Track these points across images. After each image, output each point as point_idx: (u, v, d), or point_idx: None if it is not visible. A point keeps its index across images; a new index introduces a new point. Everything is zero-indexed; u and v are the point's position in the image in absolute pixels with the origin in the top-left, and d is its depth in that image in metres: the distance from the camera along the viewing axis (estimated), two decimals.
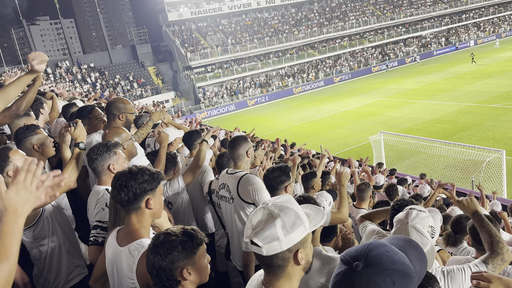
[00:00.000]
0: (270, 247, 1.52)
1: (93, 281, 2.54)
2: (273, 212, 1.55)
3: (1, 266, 1.44)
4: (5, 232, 1.48)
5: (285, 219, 1.54)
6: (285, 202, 1.60)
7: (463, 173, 15.71)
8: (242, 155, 3.63)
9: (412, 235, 2.22)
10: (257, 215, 1.59)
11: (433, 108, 26.94)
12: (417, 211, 2.32)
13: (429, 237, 2.25)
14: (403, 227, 2.27)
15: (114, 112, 3.88)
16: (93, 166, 2.91)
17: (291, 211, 1.57)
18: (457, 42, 54.59)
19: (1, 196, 1.51)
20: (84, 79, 43.74)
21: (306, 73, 49.21)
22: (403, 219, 2.31)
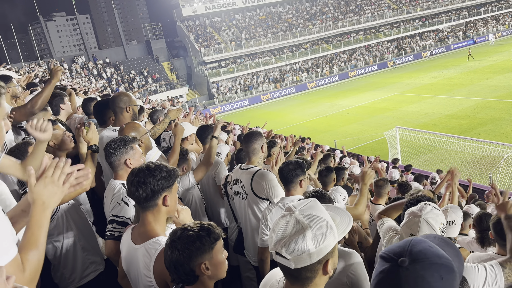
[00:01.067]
0: (299, 260, 1.43)
1: (120, 278, 2.54)
2: (302, 222, 1.45)
3: (30, 255, 1.52)
4: (33, 223, 1.56)
5: (316, 230, 1.44)
6: (313, 209, 1.50)
7: (481, 169, 15.43)
8: (257, 149, 3.62)
9: (423, 228, 2.22)
10: (282, 224, 1.48)
11: (450, 103, 26.49)
12: (431, 207, 2.32)
13: (439, 234, 2.24)
14: (415, 220, 2.26)
15: (120, 106, 3.87)
16: (110, 160, 2.92)
17: (321, 221, 1.47)
18: (475, 36, 53.45)
19: (31, 189, 1.58)
20: (100, 74, 44.21)
21: (321, 67, 48.84)
22: (416, 212, 2.30)
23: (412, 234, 2.25)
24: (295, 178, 3.18)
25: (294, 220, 1.46)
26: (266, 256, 3.36)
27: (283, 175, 3.22)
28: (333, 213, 1.60)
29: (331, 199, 2.65)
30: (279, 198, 3.42)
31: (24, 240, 1.56)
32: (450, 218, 3.29)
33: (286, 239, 1.44)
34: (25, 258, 1.51)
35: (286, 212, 1.51)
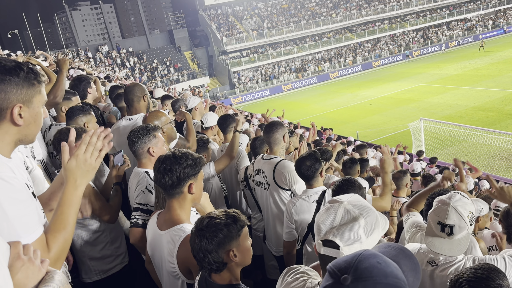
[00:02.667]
0: (350, 249, 1.41)
1: (147, 263, 2.59)
2: (353, 211, 1.45)
3: (58, 234, 1.54)
4: (64, 201, 1.58)
5: (367, 220, 1.44)
6: (361, 201, 1.51)
7: (508, 163, 15.00)
8: (278, 139, 3.59)
9: (451, 215, 2.19)
10: (330, 214, 1.46)
11: (477, 95, 25.74)
12: (461, 195, 2.28)
13: (468, 223, 2.21)
14: (444, 207, 2.23)
15: (138, 94, 3.93)
16: (133, 149, 2.95)
17: (372, 212, 1.47)
18: (505, 25, 51.52)
19: (64, 165, 1.61)
20: (123, 63, 44.77)
21: (344, 57, 48.14)
22: (445, 200, 2.27)
23: (440, 221, 2.22)
24: (315, 173, 3.16)
25: (343, 210, 1.45)
26: (292, 249, 3.36)
27: (302, 173, 3.18)
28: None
29: (361, 186, 2.62)
30: (301, 189, 3.40)
31: (53, 219, 1.58)
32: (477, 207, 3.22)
33: (337, 227, 1.43)
34: (52, 238, 1.53)
35: (332, 204, 1.49)
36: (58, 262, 1.54)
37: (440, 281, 2.25)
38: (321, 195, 3.13)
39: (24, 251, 1.25)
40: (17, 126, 1.52)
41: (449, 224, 2.19)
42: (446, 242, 2.21)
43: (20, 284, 1.21)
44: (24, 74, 1.49)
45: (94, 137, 1.64)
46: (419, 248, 2.43)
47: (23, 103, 1.50)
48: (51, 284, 1.25)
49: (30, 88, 1.52)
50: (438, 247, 2.24)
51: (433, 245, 2.26)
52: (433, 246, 2.26)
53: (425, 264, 2.33)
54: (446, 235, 2.20)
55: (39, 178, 2.67)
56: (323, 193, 3.14)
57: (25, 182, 1.58)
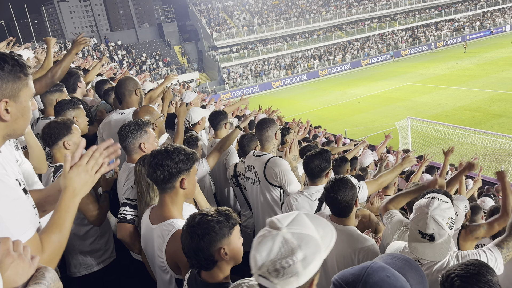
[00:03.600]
0: (286, 283, 1.29)
1: (143, 257, 2.59)
2: (292, 242, 1.30)
3: (53, 237, 1.55)
4: (61, 207, 1.59)
5: (306, 251, 1.30)
6: (301, 226, 1.34)
7: (493, 163, 15.26)
8: (270, 137, 3.60)
9: (430, 225, 2.23)
10: (267, 243, 1.32)
11: (464, 95, 26.10)
12: (439, 201, 2.29)
13: (448, 229, 2.25)
14: (422, 216, 2.27)
15: (130, 88, 3.90)
16: (124, 144, 2.92)
17: (311, 240, 1.33)
18: (492, 27, 52.27)
19: (64, 174, 1.62)
20: (112, 56, 44.27)
21: (333, 55, 48.31)
22: (423, 208, 2.29)
23: (420, 230, 2.26)
24: (321, 172, 3.18)
25: (281, 240, 1.30)
26: None
27: (310, 170, 3.19)
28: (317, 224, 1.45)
29: (354, 186, 2.65)
30: (292, 186, 3.41)
31: (50, 221, 1.58)
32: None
33: (272, 261, 1.29)
34: (47, 239, 1.53)
35: (271, 229, 1.35)
36: (50, 264, 1.53)
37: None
38: (323, 194, 3.12)
39: (14, 247, 1.24)
40: (4, 122, 1.48)
41: (428, 233, 2.23)
42: (428, 247, 2.26)
43: (10, 281, 1.19)
44: (9, 67, 1.45)
45: (97, 153, 1.67)
46: (404, 247, 2.46)
47: (9, 97, 1.46)
48: (42, 281, 1.24)
49: (16, 81, 1.47)
50: (421, 252, 2.28)
51: (416, 251, 2.30)
52: (416, 252, 2.30)
53: None
54: (427, 241, 2.25)
55: (29, 172, 2.65)
56: None
57: (16, 178, 1.56)
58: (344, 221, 2.70)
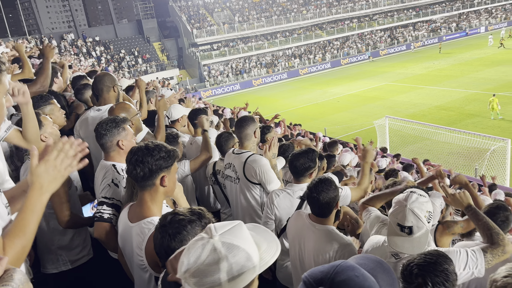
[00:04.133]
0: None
1: (120, 256, 2.55)
2: (219, 252, 1.24)
3: (16, 241, 1.45)
4: (27, 207, 1.48)
5: (232, 263, 1.24)
6: (236, 236, 1.29)
7: (467, 161, 15.67)
8: (249, 135, 3.61)
9: (409, 217, 2.27)
10: (197, 248, 1.27)
11: (440, 94, 26.69)
12: (417, 195, 2.34)
13: (426, 222, 2.30)
14: (401, 209, 2.31)
15: (107, 84, 3.84)
16: (101, 142, 2.87)
17: (241, 252, 1.26)
18: (468, 28, 53.59)
19: (31, 170, 1.52)
20: (89, 52, 43.45)
21: (313, 54, 48.63)
22: (402, 201, 2.34)
23: (399, 223, 2.30)
24: (306, 172, 3.20)
25: (211, 248, 1.26)
26: None
27: (295, 168, 3.20)
28: (261, 238, 1.40)
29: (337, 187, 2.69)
30: (271, 184, 3.43)
31: (13, 223, 1.49)
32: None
33: (196, 268, 1.25)
34: (9, 243, 1.44)
35: (204, 235, 1.30)
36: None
37: None
38: (306, 192, 3.10)
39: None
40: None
41: (407, 225, 2.28)
42: (407, 240, 2.30)
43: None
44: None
45: (68, 145, 1.58)
46: (383, 241, 2.50)
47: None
48: (10, 283, 1.20)
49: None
50: (400, 246, 2.33)
51: (395, 244, 2.35)
52: (395, 245, 2.35)
53: (388, 257, 2.41)
54: (406, 235, 2.29)
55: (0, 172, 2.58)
56: None
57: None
58: (323, 221, 2.73)
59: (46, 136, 2.98)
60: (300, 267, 2.83)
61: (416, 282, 1.84)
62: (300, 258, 2.81)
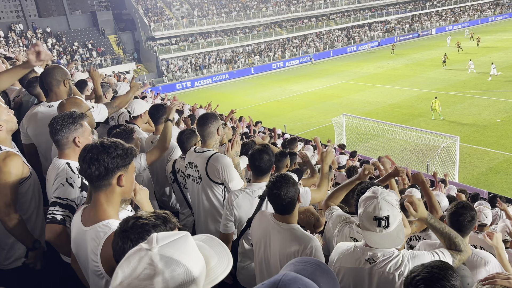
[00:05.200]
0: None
1: (73, 262, 2.38)
2: (156, 266, 1.15)
3: None
4: None
5: (169, 279, 1.15)
6: (177, 250, 1.20)
7: (419, 157, 16.33)
8: (212, 132, 3.53)
9: (384, 207, 2.24)
10: (134, 260, 1.18)
11: (394, 93, 27.66)
12: (381, 188, 2.35)
13: (398, 209, 2.28)
14: (373, 202, 2.27)
15: (57, 78, 3.59)
16: (56, 138, 2.70)
17: (180, 268, 1.17)
18: (420, 29, 55.91)
19: None
20: None
21: (273, 51, 48.91)
22: (371, 195, 2.31)
23: (375, 216, 2.24)
24: (270, 168, 3.17)
25: (148, 261, 1.17)
26: (228, 242, 3.32)
27: (258, 167, 3.15)
28: (212, 252, 1.34)
29: (295, 182, 2.65)
30: (234, 183, 3.37)
31: None
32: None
33: (130, 281, 1.16)
34: None
35: (144, 245, 1.21)
36: None
37: (379, 278, 2.29)
38: (265, 191, 3.08)
39: None
40: None
41: (384, 216, 2.23)
42: (385, 236, 2.25)
43: None
44: None
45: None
46: (354, 246, 2.45)
47: None
48: None
49: None
50: (380, 243, 2.27)
51: (374, 243, 2.28)
52: (375, 244, 2.28)
53: (363, 263, 2.35)
54: (383, 229, 2.24)
55: None
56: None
57: None
58: (287, 219, 2.69)
59: (1, 124, 2.78)
60: (266, 268, 2.79)
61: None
62: (266, 259, 2.77)
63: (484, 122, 19.99)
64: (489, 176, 14.73)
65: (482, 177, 14.67)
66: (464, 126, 19.76)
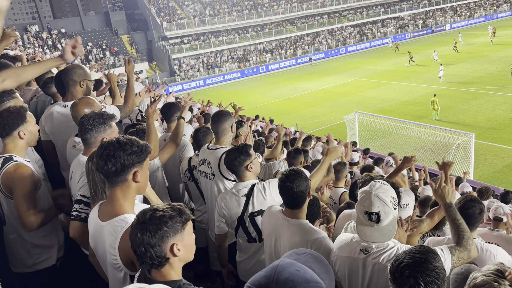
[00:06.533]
0: None
1: (91, 256, 2.47)
2: None
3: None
4: None
5: None
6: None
7: (433, 155, 16.14)
8: (226, 130, 3.57)
9: (375, 203, 2.30)
10: None
11: (407, 90, 27.37)
12: (380, 183, 2.40)
13: (391, 207, 2.33)
14: (367, 196, 2.35)
15: (74, 79, 3.63)
16: (85, 137, 2.76)
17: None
18: (434, 25, 55.16)
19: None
20: (55, 45, 41.99)
21: (284, 49, 48.81)
22: (367, 190, 2.38)
23: (366, 211, 2.32)
24: (240, 166, 3.17)
25: None
26: (223, 242, 3.41)
27: (228, 166, 3.20)
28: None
29: (307, 177, 2.69)
30: None
31: None
32: (404, 201, 3.41)
33: None
34: None
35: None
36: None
37: (373, 268, 2.35)
38: (250, 189, 3.17)
39: None
40: None
41: (374, 211, 2.29)
42: (376, 230, 2.32)
43: None
44: None
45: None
46: (352, 237, 2.51)
47: None
48: None
49: None
50: (369, 236, 2.34)
51: (364, 235, 2.36)
52: (364, 236, 2.36)
53: (357, 253, 2.42)
54: (374, 223, 2.30)
55: None
56: (252, 187, 3.18)
57: None
58: (296, 214, 2.74)
59: (26, 133, 2.86)
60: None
61: (408, 283, 1.83)
62: (276, 253, 2.84)
63: (500, 118, 19.68)
64: (505, 173, 14.51)
65: (498, 175, 14.46)
66: (480, 122, 19.48)
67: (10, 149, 2.86)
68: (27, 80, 3.37)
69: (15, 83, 2.80)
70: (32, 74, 2.99)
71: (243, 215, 3.18)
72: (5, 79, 2.67)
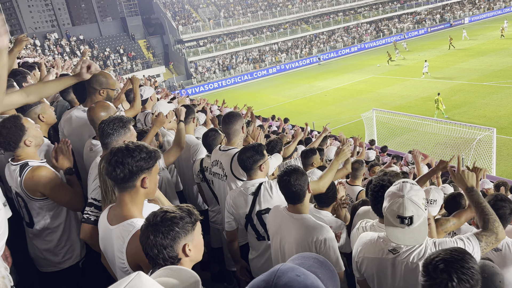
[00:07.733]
0: None
1: (103, 258, 2.51)
2: None
3: None
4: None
5: None
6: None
7: (454, 151, 15.83)
8: (237, 130, 3.59)
9: (409, 207, 2.21)
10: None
11: (426, 86, 26.91)
12: (410, 184, 2.31)
13: (424, 209, 2.27)
14: (399, 200, 2.24)
15: (95, 86, 3.64)
16: (106, 141, 2.78)
17: None
18: (452, 19, 54.09)
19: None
20: (74, 51, 42.85)
21: (300, 48, 48.65)
22: (397, 192, 2.28)
23: (399, 215, 2.23)
24: (253, 164, 3.20)
25: None
26: (234, 239, 3.45)
27: (242, 163, 3.22)
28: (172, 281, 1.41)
29: (304, 172, 2.73)
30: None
31: None
32: (432, 197, 3.38)
33: None
34: None
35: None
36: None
37: (402, 267, 2.31)
38: (258, 188, 3.20)
39: None
40: None
41: (408, 216, 2.22)
42: (408, 232, 2.24)
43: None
44: None
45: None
46: (377, 237, 2.45)
47: None
48: None
49: None
50: (402, 239, 2.26)
51: (396, 238, 2.27)
52: (397, 240, 2.27)
53: (386, 253, 2.37)
54: (406, 226, 2.23)
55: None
56: (260, 185, 3.21)
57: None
58: (299, 209, 2.77)
59: (31, 140, 2.93)
60: (281, 258, 2.91)
61: (441, 277, 1.78)
62: (282, 249, 2.88)
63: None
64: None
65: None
66: (501, 117, 18.98)
67: (23, 157, 2.94)
68: (49, 95, 3.52)
69: (38, 98, 3.07)
70: (54, 90, 3.26)
71: (250, 213, 3.24)
72: (29, 95, 2.90)
